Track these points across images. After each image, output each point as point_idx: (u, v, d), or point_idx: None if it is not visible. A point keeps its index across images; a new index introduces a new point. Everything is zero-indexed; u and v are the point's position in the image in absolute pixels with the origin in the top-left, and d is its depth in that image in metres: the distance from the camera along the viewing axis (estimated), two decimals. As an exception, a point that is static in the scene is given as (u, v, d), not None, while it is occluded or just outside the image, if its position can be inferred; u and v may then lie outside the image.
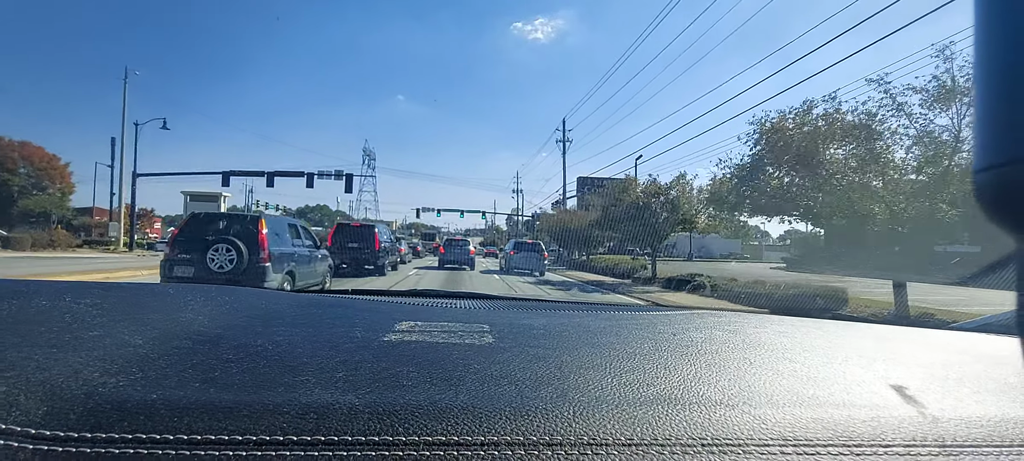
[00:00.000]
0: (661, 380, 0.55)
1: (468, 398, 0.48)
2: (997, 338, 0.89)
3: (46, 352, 0.51)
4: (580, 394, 0.50)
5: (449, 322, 0.80)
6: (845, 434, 0.47)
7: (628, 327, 0.84)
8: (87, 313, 0.67)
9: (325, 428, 0.42)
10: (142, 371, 0.49)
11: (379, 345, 0.63)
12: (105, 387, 0.45)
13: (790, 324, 0.96)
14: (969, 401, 0.55)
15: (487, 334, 0.72)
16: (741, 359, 0.66)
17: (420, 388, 0.49)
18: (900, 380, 0.60)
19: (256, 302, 0.86)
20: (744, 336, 0.81)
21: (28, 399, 0.42)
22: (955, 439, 0.48)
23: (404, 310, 0.91)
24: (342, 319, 0.78)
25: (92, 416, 0.41)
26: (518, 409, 0.46)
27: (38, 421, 0.40)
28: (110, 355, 0.52)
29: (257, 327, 0.69)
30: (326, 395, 0.46)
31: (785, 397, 0.53)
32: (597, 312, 1.06)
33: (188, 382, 0.47)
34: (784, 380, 0.58)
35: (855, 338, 0.86)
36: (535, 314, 0.96)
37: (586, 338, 0.73)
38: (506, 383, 0.52)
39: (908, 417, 0.51)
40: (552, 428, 0.44)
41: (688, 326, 0.87)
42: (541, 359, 0.60)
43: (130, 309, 0.73)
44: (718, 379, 0.57)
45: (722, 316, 1.03)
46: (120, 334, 0.59)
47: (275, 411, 0.43)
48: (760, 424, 0.47)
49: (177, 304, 0.78)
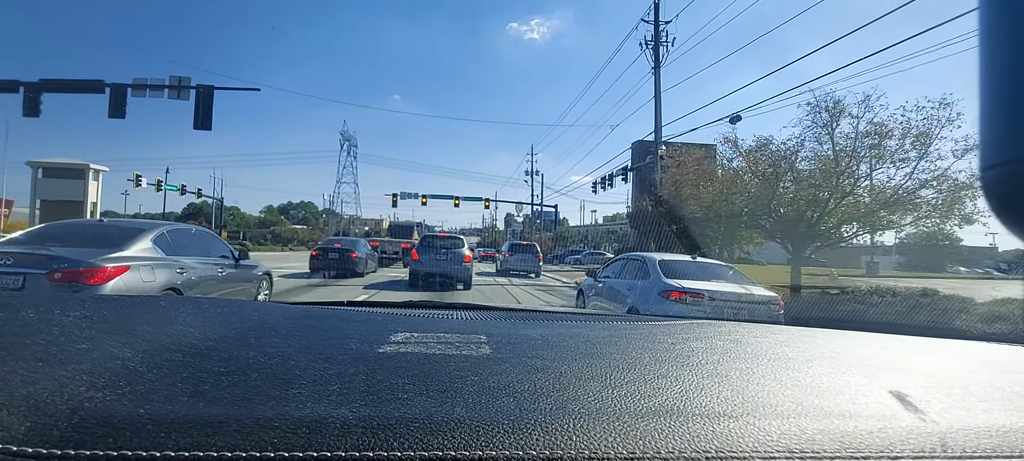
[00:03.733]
0: (662, 391, 0.55)
1: (465, 411, 0.47)
2: (1004, 347, 0.89)
3: (31, 366, 0.50)
4: (580, 406, 0.50)
5: (446, 333, 0.79)
6: (852, 446, 0.46)
7: (628, 337, 0.83)
8: (75, 326, 0.66)
9: (317, 443, 0.41)
10: (130, 385, 0.48)
11: (374, 357, 0.62)
12: (91, 402, 0.44)
13: (791, 333, 0.95)
14: (977, 410, 0.55)
15: (484, 345, 0.71)
16: (743, 369, 0.65)
17: (416, 401, 0.49)
18: (906, 390, 0.59)
19: (249, 314, 0.86)
20: (745, 346, 0.80)
21: (11, 415, 0.41)
22: (964, 450, 0.47)
23: (400, 321, 0.91)
24: (336, 330, 0.77)
25: (77, 432, 0.40)
26: (517, 422, 0.45)
27: (20, 438, 0.39)
28: (97, 369, 0.51)
29: (250, 339, 0.68)
30: (319, 409, 0.46)
31: (789, 408, 0.52)
32: (596, 322, 1.04)
33: (177, 396, 0.47)
34: (788, 390, 0.58)
35: (858, 347, 0.85)
36: (533, 325, 0.96)
37: (585, 349, 0.73)
38: (504, 395, 0.51)
39: (915, 428, 0.50)
40: (552, 441, 0.44)
41: (688, 336, 0.86)
42: (540, 370, 0.60)
43: (119, 322, 0.72)
44: (720, 390, 0.56)
45: (722, 326, 1.02)
46: (108, 347, 0.58)
47: (266, 426, 0.42)
48: (764, 436, 0.46)
49: (168, 316, 0.77)
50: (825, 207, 11.48)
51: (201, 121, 15.62)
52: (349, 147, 59.51)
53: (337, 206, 57.06)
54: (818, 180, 11.61)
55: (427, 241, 13.81)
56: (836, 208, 11.45)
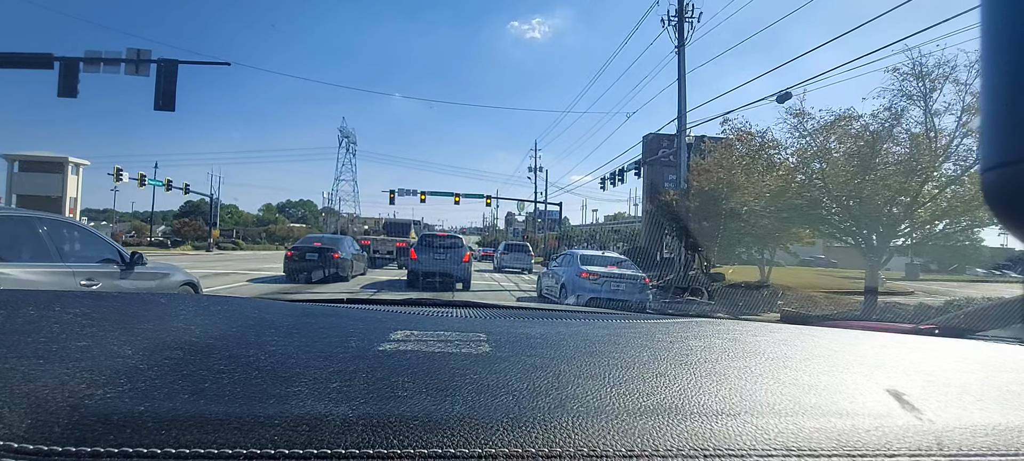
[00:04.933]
0: (661, 390, 0.55)
1: (464, 409, 0.47)
2: (999, 345, 0.90)
3: (32, 363, 0.50)
4: (578, 404, 0.50)
5: (445, 331, 0.79)
6: (849, 444, 0.47)
7: (626, 336, 0.84)
8: (75, 323, 0.66)
9: (318, 440, 0.41)
10: (131, 382, 0.48)
11: (374, 355, 0.62)
12: (91, 399, 0.44)
13: (790, 332, 0.95)
14: (973, 409, 0.55)
15: (484, 343, 0.72)
16: (741, 368, 0.65)
17: (415, 399, 0.49)
18: (903, 388, 0.59)
19: (250, 312, 0.85)
20: (744, 345, 0.80)
21: (12, 412, 0.41)
22: (960, 448, 0.48)
23: (399, 319, 0.91)
24: (336, 329, 0.78)
25: (77, 429, 0.40)
26: (516, 420, 0.46)
27: (21, 434, 0.39)
28: (98, 366, 0.51)
29: (250, 337, 0.68)
30: (319, 406, 0.46)
31: (787, 406, 0.53)
32: (595, 321, 1.06)
33: (178, 394, 0.47)
34: (786, 389, 0.58)
35: (856, 346, 0.85)
36: (532, 323, 0.95)
37: (584, 347, 0.73)
38: (503, 393, 0.51)
39: (912, 426, 0.50)
40: (550, 439, 0.44)
41: (686, 334, 0.86)
42: (539, 369, 0.60)
43: (120, 319, 0.72)
44: (718, 388, 0.56)
45: (721, 324, 1.02)
46: (109, 344, 0.58)
47: (267, 423, 0.43)
48: (762, 434, 0.47)
49: (169, 314, 0.76)
50: (916, 196, 9.33)
51: (163, 100, 13.12)
52: (348, 144, 58.01)
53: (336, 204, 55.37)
54: (911, 162, 9.45)
55: (426, 240, 13.45)
56: (938, 195, 9.32)
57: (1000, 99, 0.28)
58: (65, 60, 13.47)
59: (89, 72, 13.68)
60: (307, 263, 12.60)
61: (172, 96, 13.43)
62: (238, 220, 56.43)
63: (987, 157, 0.28)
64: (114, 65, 13.91)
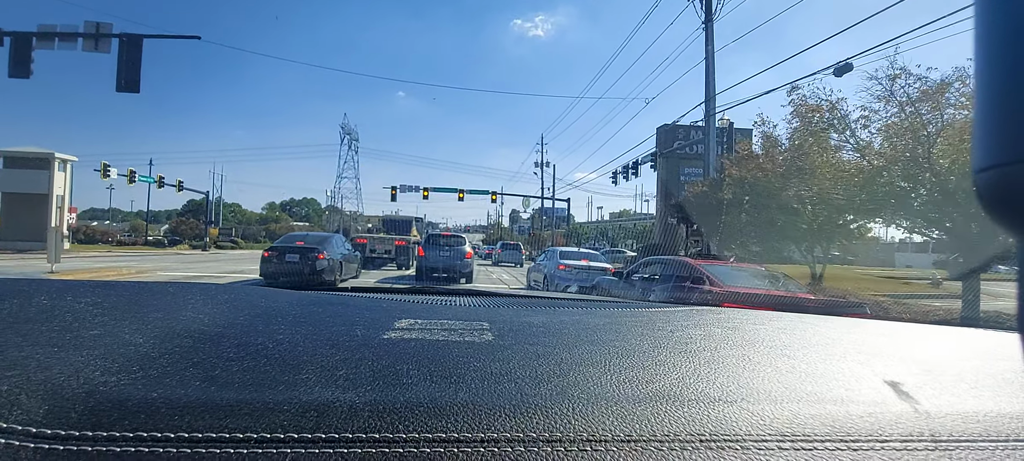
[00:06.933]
0: (660, 377, 0.56)
1: (468, 395, 0.48)
2: (994, 333, 0.89)
3: (47, 351, 0.52)
4: (579, 391, 0.51)
5: (449, 320, 0.80)
6: (843, 430, 0.47)
7: (627, 325, 0.84)
8: (88, 312, 0.67)
9: (325, 425, 0.42)
10: (143, 369, 0.49)
11: (379, 343, 0.63)
12: (106, 386, 0.45)
13: (788, 321, 0.96)
14: (966, 397, 0.55)
15: (487, 332, 0.72)
16: (739, 356, 0.66)
17: (420, 386, 0.50)
18: (897, 376, 0.60)
19: (258, 301, 0.86)
20: (743, 333, 0.80)
21: (29, 398, 0.43)
22: (951, 434, 0.48)
23: (404, 308, 0.91)
24: (343, 317, 0.78)
25: (93, 415, 0.41)
26: (518, 406, 0.47)
27: (39, 420, 0.41)
28: (111, 354, 0.52)
29: (258, 325, 0.69)
30: (327, 393, 0.47)
31: (783, 394, 0.53)
32: (596, 310, 1.06)
33: (189, 381, 0.48)
34: (782, 377, 0.58)
35: (853, 335, 0.86)
36: (535, 311, 0.96)
37: (585, 335, 0.73)
38: (506, 380, 0.52)
39: (905, 413, 0.51)
40: (552, 425, 0.45)
41: (687, 323, 0.86)
42: (541, 357, 0.60)
43: (132, 308, 0.73)
44: (717, 376, 0.57)
45: (721, 313, 1.03)
46: (121, 333, 0.59)
47: (276, 409, 0.44)
48: (759, 421, 0.48)
49: (179, 302, 0.77)
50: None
51: (125, 80, 11.64)
52: (350, 141, 56.47)
53: (338, 202, 53.93)
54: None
55: (432, 239, 14.70)
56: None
57: (994, 99, 0.28)
58: (16, 35, 12.01)
59: (43, 49, 12.18)
60: (286, 265, 11.10)
61: (136, 74, 11.94)
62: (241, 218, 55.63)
63: (981, 158, 0.28)
64: (70, 40, 12.36)
